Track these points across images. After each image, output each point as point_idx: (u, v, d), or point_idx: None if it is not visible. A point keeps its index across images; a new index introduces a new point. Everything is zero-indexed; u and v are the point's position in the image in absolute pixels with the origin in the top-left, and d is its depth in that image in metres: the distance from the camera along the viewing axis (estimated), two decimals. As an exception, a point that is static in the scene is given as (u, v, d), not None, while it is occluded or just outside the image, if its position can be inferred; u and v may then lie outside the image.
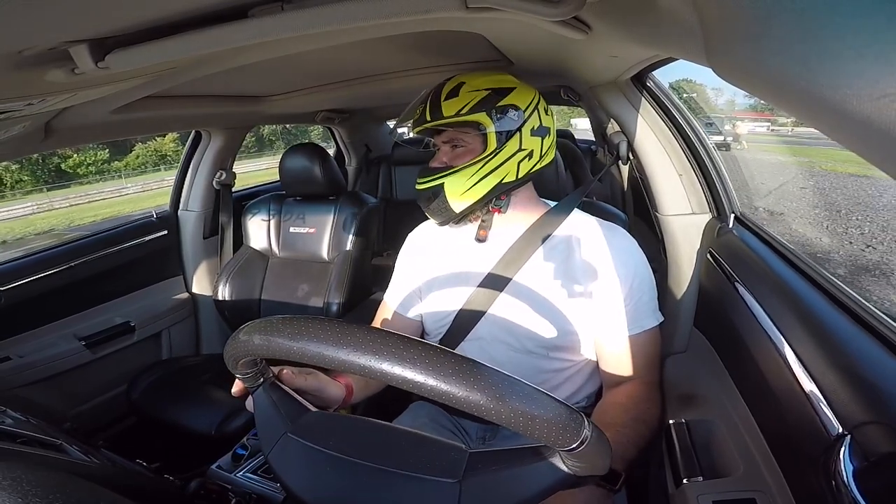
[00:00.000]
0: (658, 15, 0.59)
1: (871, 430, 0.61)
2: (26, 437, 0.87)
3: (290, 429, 0.73)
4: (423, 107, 1.16)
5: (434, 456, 0.68)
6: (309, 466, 0.70)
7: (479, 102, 1.11)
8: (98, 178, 33.74)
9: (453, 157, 1.17)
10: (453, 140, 1.17)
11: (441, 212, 1.17)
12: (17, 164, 25.82)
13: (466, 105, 1.10)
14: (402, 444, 0.71)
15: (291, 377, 0.85)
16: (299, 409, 0.78)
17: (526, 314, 1.14)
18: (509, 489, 0.63)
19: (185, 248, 2.46)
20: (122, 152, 36.84)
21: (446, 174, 1.14)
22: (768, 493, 0.77)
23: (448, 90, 1.14)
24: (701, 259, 1.25)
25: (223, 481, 1.12)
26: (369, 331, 0.56)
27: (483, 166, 1.11)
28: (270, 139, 12.83)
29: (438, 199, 1.15)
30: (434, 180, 1.15)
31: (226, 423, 1.69)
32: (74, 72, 0.77)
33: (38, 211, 21.99)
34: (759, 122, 10.05)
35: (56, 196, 23.58)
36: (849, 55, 0.29)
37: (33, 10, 0.56)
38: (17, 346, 1.81)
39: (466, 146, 1.16)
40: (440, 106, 1.12)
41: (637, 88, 1.30)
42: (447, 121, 1.12)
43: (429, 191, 1.16)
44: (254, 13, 0.72)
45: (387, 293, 1.38)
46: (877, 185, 4.09)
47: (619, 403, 1.06)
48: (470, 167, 1.12)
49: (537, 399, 0.53)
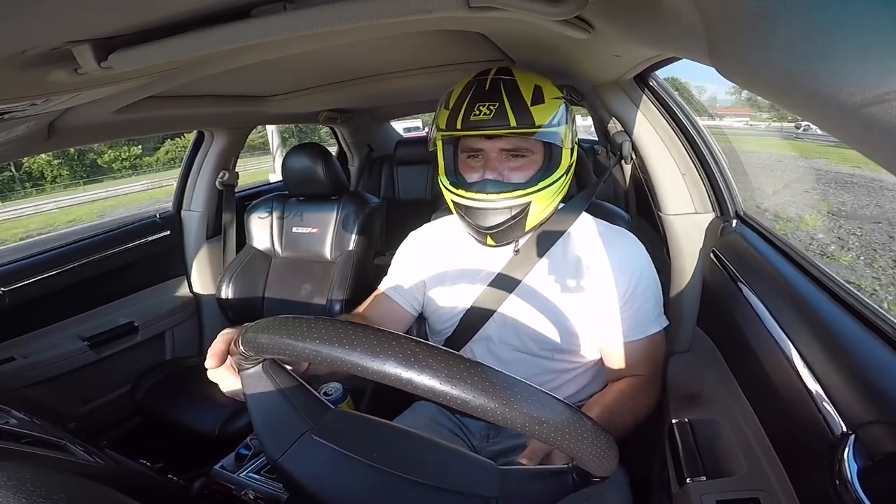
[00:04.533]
0: (661, 14, 0.59)
1: (876, 430, 0.60)
2: (31, 438, 0.87)
3: (313, 429, 0.70)
4: (493, 106, 1.00)
5: (466, 470, 0.68)
6: (335, 471, 0.68)
7: (563, 113, 1.05)
8: (131, 172, 33.97)
9: (512, 167, 1.05)
10: (519, 149, 1.05)
11: (511, 232, 1.07)
12: (57, 160, 26.48)
13: (556, 114, 1.03)
14: (432, 455, 0.71)
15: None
16: (314, 403, 0.74)
17: (532, 316, 1.13)
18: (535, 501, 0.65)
19: (189, 249, 2.47)
20: (154, 148, 37.18)
21: (537, 189, 1.03)
22: (772, 493, 0.77)
23: (530, 93, 1.02)
24: (704, 258, 1.25)
25: (227, 481, 1.12)
26: (418, 344, 0.52)
27: (565, 181, 1.07)
28: (284, 136, 13.25)
29: (518, 218, 1.04)
30: (520, 196, 1.02)
31: (229, 422, 1.69)
32: (77, 72, 0.77)
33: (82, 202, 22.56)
34: (738, 118, 10.77)
35: (93, 189, 24.03)
36: (852, 54, 0.29)
37: (36, 10, 0.56)
38: (22, 346, 1.82)
39: (528, 157, 1.05)
40: (529, 112, 1.00)
41: (640, 88, 1.30)
42: (535, 130, 1.00)
43: (505, 210, 1.03)
44: (256, 13, 0.72)
45: (383, 284, 1.31)
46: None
47: (618, 390, 1.06)
48: (557, 182, 1.05)
49: (594, 434, 0.54)
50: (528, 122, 1.00)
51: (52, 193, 24.26)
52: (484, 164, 1.06)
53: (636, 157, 1.38)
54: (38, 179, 26.56)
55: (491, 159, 1.05)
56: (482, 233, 1.07)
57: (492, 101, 1.01)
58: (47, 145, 1.40)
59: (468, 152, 1.09)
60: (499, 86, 1.03)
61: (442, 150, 1.13)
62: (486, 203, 1.03)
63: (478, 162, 1.07)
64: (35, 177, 26.50)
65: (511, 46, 1.26)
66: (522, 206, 1.04)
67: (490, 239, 1.08)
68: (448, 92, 1.11)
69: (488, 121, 1.00)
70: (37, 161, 26.34)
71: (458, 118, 1.03)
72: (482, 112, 1.00)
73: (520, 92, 1.02)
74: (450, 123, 1.05)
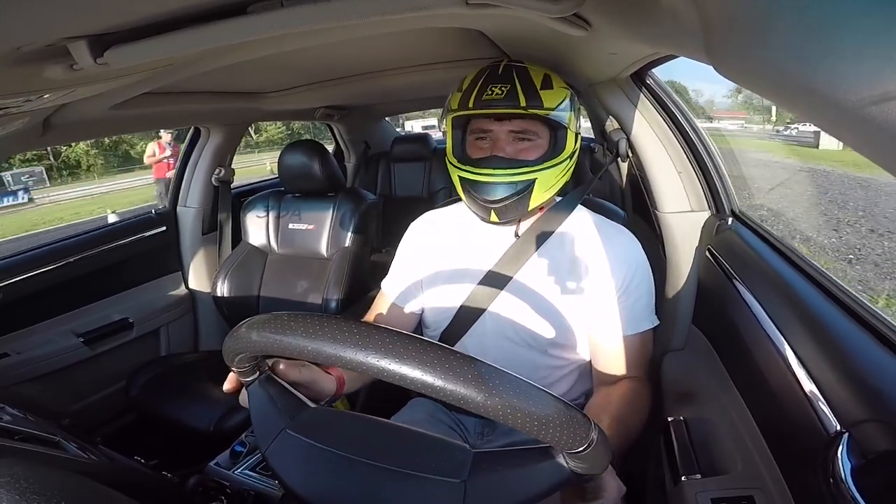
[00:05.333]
0: (658, 12, 0.59)
1: (870, 428, 0.61)
2: (24, 434, 0.87)
3: (289, 425, 0.73)
4: (504, 88, 1.05)
5: (438, 455, 0.68)
6: (308, 463, 0.70)
7: (569, 102, 1.08)
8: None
9: (519, 149, 1.09)
10: (526, 132, 1.08)
11: (515, 209, 1.09)
12: (95, 150, 27.11)
13: (563, 101, 1.07)
14: (404, 443, 0.71)
15: (286, 370, 0.84)
16: (297, 403, 0.77)
17: (526, 311, 1.13)
18: (513, 489, 0.63)
19: (184, 245, 2.46)
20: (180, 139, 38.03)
21: (542, 167, 1.06)
22: (766, 491, 0.77)
23: (539, 79, 1.07)
24: (700, 256, 1.25)
25: (221, 478, 1.12)
26: (376, 330, 0.55)
27: (568, 165, 1.10)
28: (299, 132, 13.50)
29: (522, 194, 1.07)
30: (526, 173, 1.06)
31: (224, 419, 1.69)
32: (73, 68, 0.77)
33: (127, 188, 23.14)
34: (734, 121, 11.29)
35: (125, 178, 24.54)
36: (849, 52, 0.29)
37: (32, 6, 0.56)
38: (16, 342, 1.81)
39: (535, 140, 1.09)
40: (538, 95, 1.05)
41: (637, 86, 1.30)
42: (545, 112, 1.05)
43: (511, 185, 1.06)
44: (252, 9, 0.72)
45: (385, 283, 1.32)
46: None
47: (621, 394, 1.05)
48: (562, 164, 1.09)
49: (547, 402, 0.54)
50: (537, 104, 1.04)
51: (91, 181, 24.74)
52: (492, 145, 1.09)
53: (633, 155, 1.38)
54: (74, 167, 27.14)
55: (499, 140, 1.08)
56: (486, 208, 1.09)
57: (504, 83, 1.05)
58: (42, 141, 1.39)
59: (477, 133, 1.12)
60: (511, 71, 1.08)
61: (451, 132, 1.16)
62: (492, 177, 1.06)
63: (486, 143, 1.10)
64: (71, 165, 27.08)
65: (508, 44, 1.26)
66: (527, 183, 1.06)
67: (494, 214, 1.09)
68: (462, 78, 1.14)
69: (500, 100, 1.04)
70: (75, 150, 27.21)
71: (470, 98, 1.07)
72: (494, 92, 1.05)
73: (530, 77, 1.06)
74: (462, 103, 1.08)
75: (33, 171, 22.80)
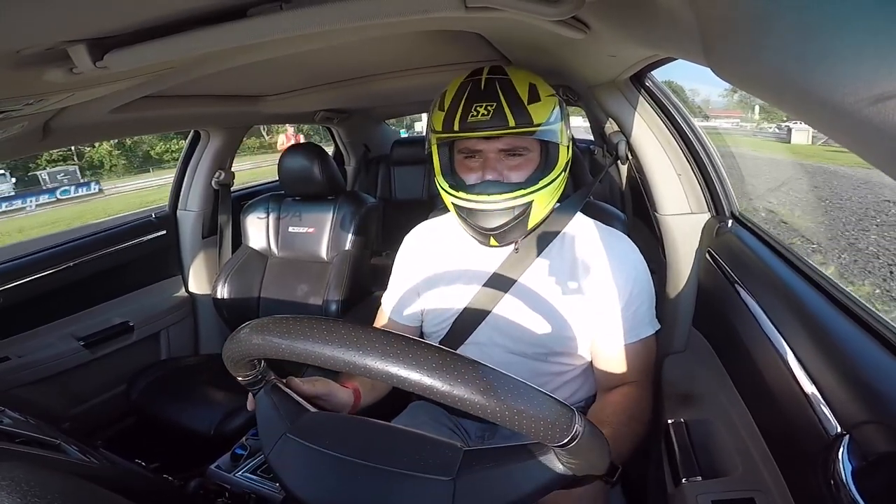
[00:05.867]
0: (657, 15, 0.59)
1: (870, 430, 0.61)
2: (25, 437, 0.87)
3: (289, 429, 0.74)
4: (490, 107, 0.99)
5: (429, 454, 0.68)
6: (307, 466, 0.71)
7: (558, 110, 1.04)
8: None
9: (510, 167, 1.05)
10: (517, 148, 1.04)
11: (514, 232, 1.07)
12: (118, 150, 27.67)
13: (552, 112, 1.02)
14: (398, 443, 0.72)
15: (299, 385, 0.85)
16: (298, 408, 0.78)
17: (527, 317, 1.12)
18: (504, 487, 0.63)
19: (184, 248, 2.46)
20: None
21: (538, 188, 1.02)
22: (767, 493, 0.77)
23: (525, 92, 1.01)
24: (700, 259, 1.25)
25: (222, 481, 1.12)
26: (364, 330, 0.56)
27: (564, 177, 1.07)
28: (309, 134, 13.87)
29: (520, 218, 1.04)
30: (522, 195, 1.01)
31: (225, 422, 1.69)
32: (73, 71, 0.77)
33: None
34: (729, 119, 11.83)
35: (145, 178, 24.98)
36: (847, 54, 0.30)
37: (32, 9, 0.56)
38: (16, 346, 1.81)
39: (526, 155, 1.05)
40: (527, 111, 1.00)
41: (636, 88, 1.30)
42: (534, 129, 1.00)
43: (507, 210, 1.02)
44: (252, 13, 0.72)
45: (384, 298, 1.32)
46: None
47: (615, 402, 1.05)
48: (557, 180, 1.05)
49: (526, 393, 0.53)
50: (526, 122, 0.99)
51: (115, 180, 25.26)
52: (482, 164, 1.05)
53: (632, 158, 1.38)
54: (97, 168, 27.59)
55: (489, 159, 1.04)
56: (485, 234, 1.07)
57: (489, 102, 0.99)
58: (42, 145, 1.40)
59: (465, 153, 1.07)
60: (494, 85, 1.02)
61: (437, 151, 1.11)
62: (489, 204, 1.02)
63: (475, 162, 1.06)
64: (95, 165, 27.53)
65: (508, 47, 1.26)
66: (524, 206, 1.03)
67: (493, 240, 1.08)
68: (441, 93, 1.09)
69: (487, 122, 0.99)
70: (98, 151, 27.81)
71: (454, 120, 1.01)
72: (480, 113, 0.99)
73: (516, 91, 1.01)
74: (446, 125, 1.03)
75: (67, 169, 23.16)
